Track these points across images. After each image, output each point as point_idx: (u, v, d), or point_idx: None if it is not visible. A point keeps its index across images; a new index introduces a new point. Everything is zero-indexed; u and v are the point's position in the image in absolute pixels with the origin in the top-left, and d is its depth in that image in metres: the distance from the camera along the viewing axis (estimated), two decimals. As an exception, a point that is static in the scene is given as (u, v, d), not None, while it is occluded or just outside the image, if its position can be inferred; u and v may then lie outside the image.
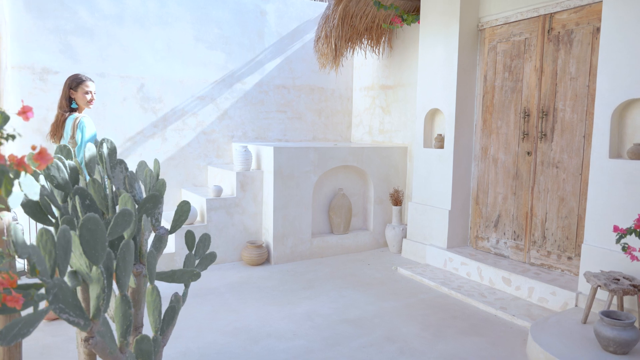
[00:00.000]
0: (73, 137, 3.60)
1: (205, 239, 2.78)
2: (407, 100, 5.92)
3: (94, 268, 1.84)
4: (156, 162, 2.78)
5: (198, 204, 5.15)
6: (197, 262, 2.84)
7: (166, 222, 5.04)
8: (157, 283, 4.19)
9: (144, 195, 2.61)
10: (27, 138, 4.84)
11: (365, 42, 6.10)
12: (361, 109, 6.78)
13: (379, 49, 6.18)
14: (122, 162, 2.55)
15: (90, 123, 3.63)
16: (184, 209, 2.69)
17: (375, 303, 4.05)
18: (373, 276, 4.78)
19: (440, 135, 5.12)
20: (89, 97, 3.67)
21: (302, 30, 6.41)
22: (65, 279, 2.16)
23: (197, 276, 2.52)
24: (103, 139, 2.38)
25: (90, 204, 2.33)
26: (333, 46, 5.47)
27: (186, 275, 2.50)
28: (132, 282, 2.28)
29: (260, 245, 5.08)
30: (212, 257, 2.80)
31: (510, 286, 4.15)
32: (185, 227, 4.80)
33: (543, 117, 4.25)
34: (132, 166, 5.37)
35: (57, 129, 3.66)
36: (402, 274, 4.84)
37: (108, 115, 5.24)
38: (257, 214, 5.28)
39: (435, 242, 5.08)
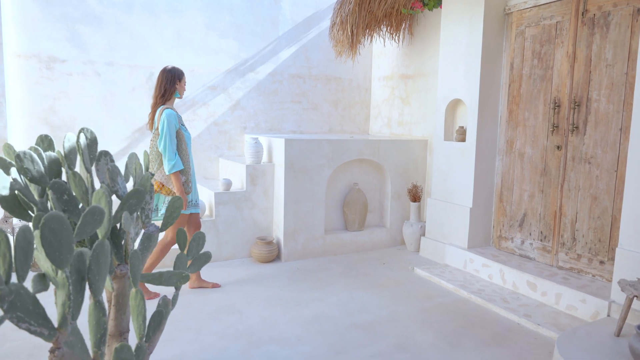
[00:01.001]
0: (158, 128, 3.74)
1: (199, 237, 2.57)
2: (427, 91, 5.60)
3: (60, 272, 1.65)
4: (145, 154, 2.59)
5: (207, 197, 4.97)
6: (189, 262, 2.65)
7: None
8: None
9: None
10: (34, 129, 4.73)
11: (384, 29, 5.79)
12: (380, 100, 6.48)
13: (398, 36, 5.86)
14: (107, 153, 2.36)
15: (174, 115, 3.72)
16: (175, 205, 2.49)
17: (388, 306, 3.80)
18: (388, 276, 4.52)
19: (462, 127, 4.80)
20: (184, 89, 3.93)
21: (319, 17, 6.14)
22: (29, 283, 1.97)
23: (186, 279, 2.31)
24: (82, 129, 2.18)
25: (69, 199, 2.14)
26: (349, 33, 5.18)
27: (174, 277, 2.30)
28: (108, 285, 2.09)
29: (271, 241, 4.87)
30: (206, 258, 2.60)
31: (536, 291, 3.83)
32: (191, 222, 4.63)
33: (575, 108, 3.89)
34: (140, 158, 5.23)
35: (153, 119, 3.82)
36: (419, 275, 4.56)
37: (116, 106, 5.10)
38: (268, 208, 5.07)
39: (455, 242, 4.78)
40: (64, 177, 3.42)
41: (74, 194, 2.19)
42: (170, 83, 3.79)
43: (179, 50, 5.37)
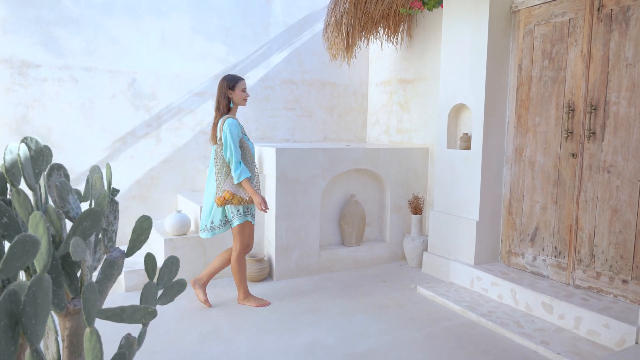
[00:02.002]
0: (221, 138, 3.64)
1: (172, 263, 2.20)
2: (428, 96, 5.28)
3: (-20, 320, 1.29)
4: (108, 167, 2.22)
5: (192, 211, 4.61)
6: (160, 292, 2.30)
7: (159, 235, 4.53)
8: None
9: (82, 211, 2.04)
10: (5, 140, 4.37)
11: (382, 31, 5.48)
12: (377, 106, 6.16)
13: (396, 39, 5.56)
14: (60, 167, 2.01)
15: (235, 123, 3.63)
16: (143, 226, 2.13)
17: (390, 332, 3.44)
18: (388, 296, 4.17)
19: (467, 134, 4.47)
20: (244, 94, 3.74)
21: (312, 19, 5.83)
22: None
23: (152, 314, 1.94)
24: (25, 138, 1.83)
25: (9, 222, 1.78)
26: (344, 34, 4.86)
27: (138, 314, 1.93)
28: (51, 326, 1.73)
29: (261, 259, 4.51)
30: (180, 287, 2.22)
31: (552, 314, 3.48)
32: (174, 239, 4.28)
33: (591, 111, 3.57)
34: (121, 169, 4.88)
35: (215, 132, 3.72)
36: (422, 294, 4.21)
37: (96, 114, 4.75)
38: (258, 223, 4.71)
39: (460, 257, 4.43)
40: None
41: (18, 215, 1.84)
42: (222, 94, 3.70)
43: (164, 55, 5.04)
